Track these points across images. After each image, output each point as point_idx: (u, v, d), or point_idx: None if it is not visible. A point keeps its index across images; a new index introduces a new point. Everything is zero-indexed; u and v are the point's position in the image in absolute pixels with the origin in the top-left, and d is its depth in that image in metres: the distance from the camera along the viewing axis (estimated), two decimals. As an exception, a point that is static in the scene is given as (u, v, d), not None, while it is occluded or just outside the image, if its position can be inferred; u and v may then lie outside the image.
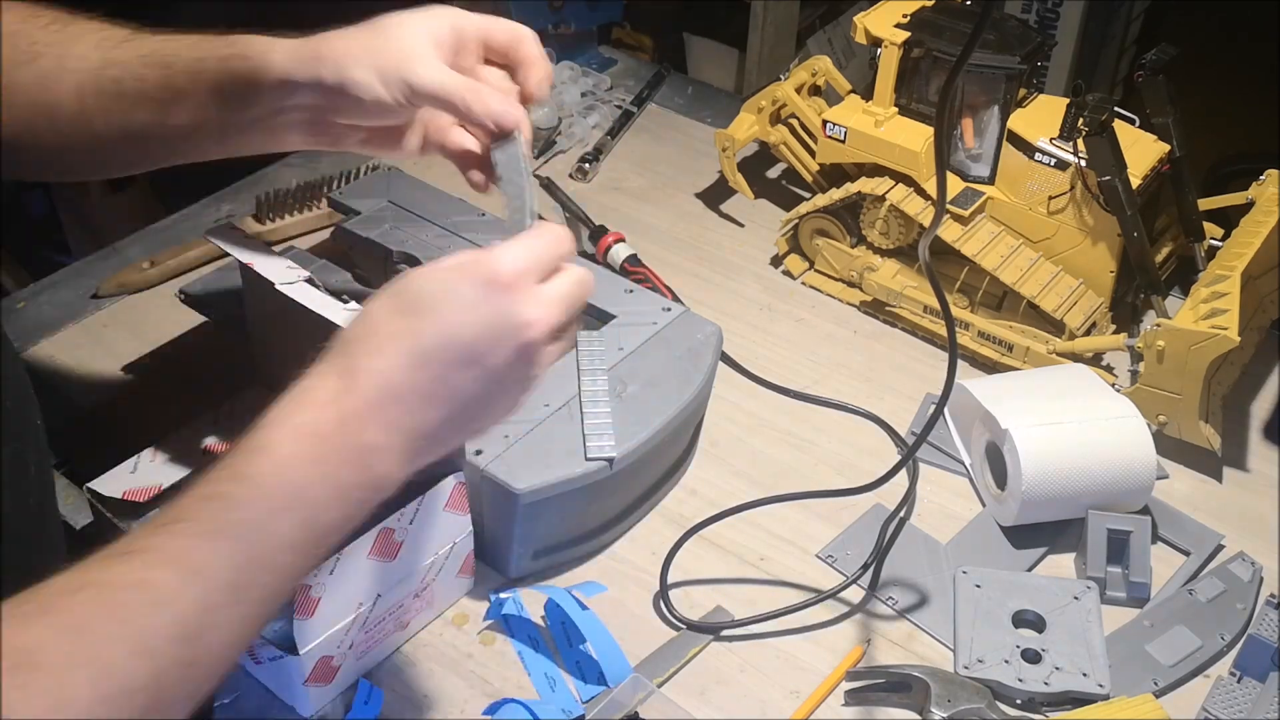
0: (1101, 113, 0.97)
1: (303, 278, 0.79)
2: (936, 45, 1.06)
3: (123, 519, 0.83)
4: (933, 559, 0.90)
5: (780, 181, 1.33)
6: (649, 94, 1.46)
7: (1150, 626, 0.85)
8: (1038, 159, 1.04)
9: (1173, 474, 0.98)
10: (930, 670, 0.80)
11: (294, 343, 0.85)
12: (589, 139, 1.38)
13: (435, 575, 0.81)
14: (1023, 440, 0.88)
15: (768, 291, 1.18)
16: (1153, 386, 0.95)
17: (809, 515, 0.93)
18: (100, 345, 1.07)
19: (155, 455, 0.85)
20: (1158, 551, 0.91)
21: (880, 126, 1.10)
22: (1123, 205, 1.00)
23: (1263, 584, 0.88)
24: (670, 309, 0.95)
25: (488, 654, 0.82)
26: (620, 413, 0.85)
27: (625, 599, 0.86)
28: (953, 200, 1.07)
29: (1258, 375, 1.08)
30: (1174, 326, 0.92)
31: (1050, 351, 1.04)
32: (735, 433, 1.01)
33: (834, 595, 0.86)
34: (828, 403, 1.02)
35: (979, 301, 1.09)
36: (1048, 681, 0.80)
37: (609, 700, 0.77)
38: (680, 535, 0.88)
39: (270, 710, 0.77)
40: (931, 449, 0.99)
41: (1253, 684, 0.81)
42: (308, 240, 1.17)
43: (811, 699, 0.80)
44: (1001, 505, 0.92)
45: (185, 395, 1.01)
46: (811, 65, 1.21)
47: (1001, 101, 1.05)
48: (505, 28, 0.73)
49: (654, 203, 1.29)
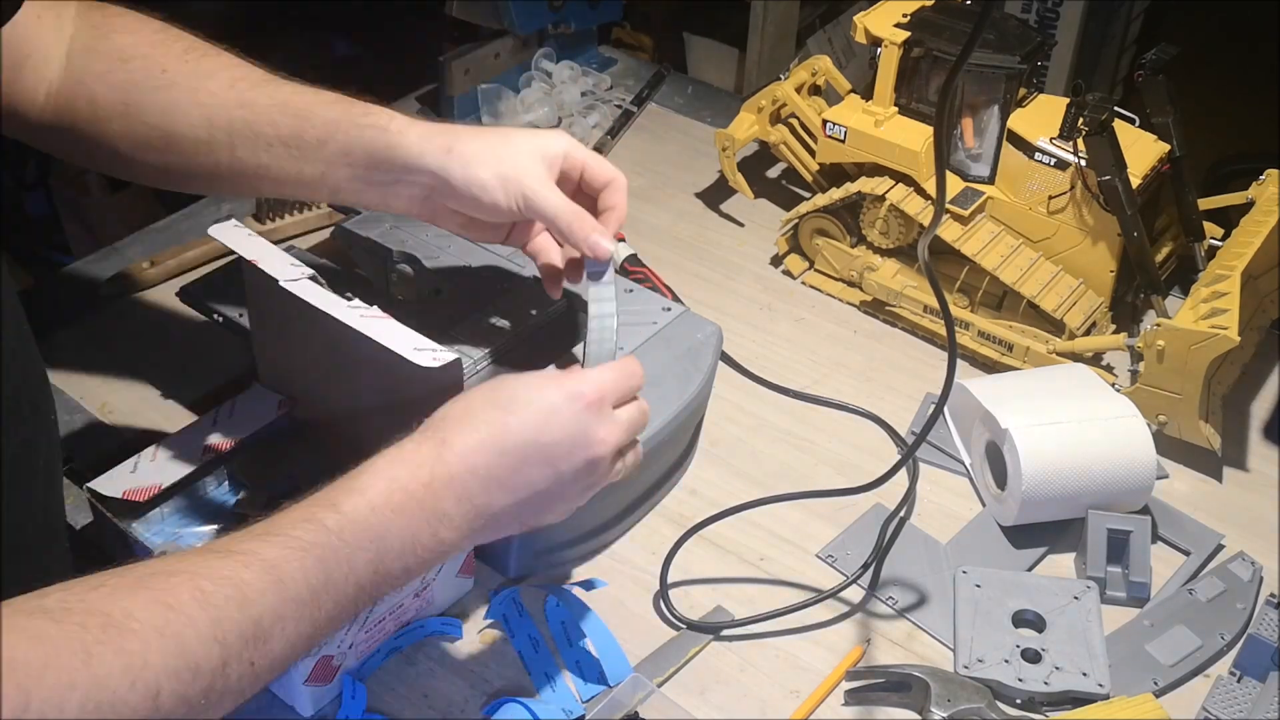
0: (1101, 113, 0.97)
1: (306, 275, 0.79)
2: (936, 45, 1.06)
3: (123, 519, 0.83)
4: (933, 559, 0.90)
5: (780, 181, 1.33)
6: (649, 94, 1.46)
7: (1150, 626, 0.85)
8: (1038, 159, 1.04)
9: (1173, 474, 0.98)
10: (930, 670, 0.80)
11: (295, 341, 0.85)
12: (589, 139, 1.38)
13: (435, 575, 0.81)
14: (1023, 440, 0.88)
15: (768, 291, 1.18)
16: (1153, 386, 0.95)
17: (809, 515, 0.93)
18: (100, 345, 1.07)
19: (155, 455, 0.85)
20: (1158, 551, 0.91)
21: (880, 126, 1.10)
22: (1123, 205, 1.00)
23: (1263, 584, 0.88)
24: (670, 309, 0.95)
25: (488, 654, 0.82)
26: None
27: (625, 598, 0.86)
28: (953, 200, 1.07)
29: (1258, 375, 1.08)
30: (1174, 326, 0.92)
31: (1050, 351, 1.04)
32: (735, 433, 1.01)
33: (834, 595, 0.86)
34: (828, 403, 1.02)
35: (979, 301, 1.09)
36: (1048, 681, 0.80)
37: (609, 700, 0.77)
38: (680, 535, 0.88)
39: (270, 710, 0.77)
40: (931, 449, 0.99)
41: (1253, 684, 0.81)
42: (308, 240, 1.17)
43: (811, 699, 0.80)
44: (1001, 505, 0.92)
45: (185, 395, 1.01)
46: (811, 65, 1.21)
47: (1001, 101, 1.05)
48: (605, 170, 0.80)
49: (654, 203, 1.29)
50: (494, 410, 0.67)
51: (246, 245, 0.81)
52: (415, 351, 0.72)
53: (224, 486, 0.88)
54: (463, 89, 1.37)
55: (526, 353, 0.91)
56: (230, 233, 0.83)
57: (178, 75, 0.79)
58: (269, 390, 0.90)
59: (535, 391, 0.68)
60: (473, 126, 0.80)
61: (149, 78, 0.79)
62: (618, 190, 0.81)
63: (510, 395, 0.68)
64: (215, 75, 0.80)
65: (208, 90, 0.79)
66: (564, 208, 0.77)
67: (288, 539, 0.59)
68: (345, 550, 0.61)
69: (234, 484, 0.88)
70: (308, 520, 0.61)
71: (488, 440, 0.66)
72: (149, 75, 0.79)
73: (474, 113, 1.38)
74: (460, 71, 1.35)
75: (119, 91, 0.79)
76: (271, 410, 0.88)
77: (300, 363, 0.86)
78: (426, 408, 0.70)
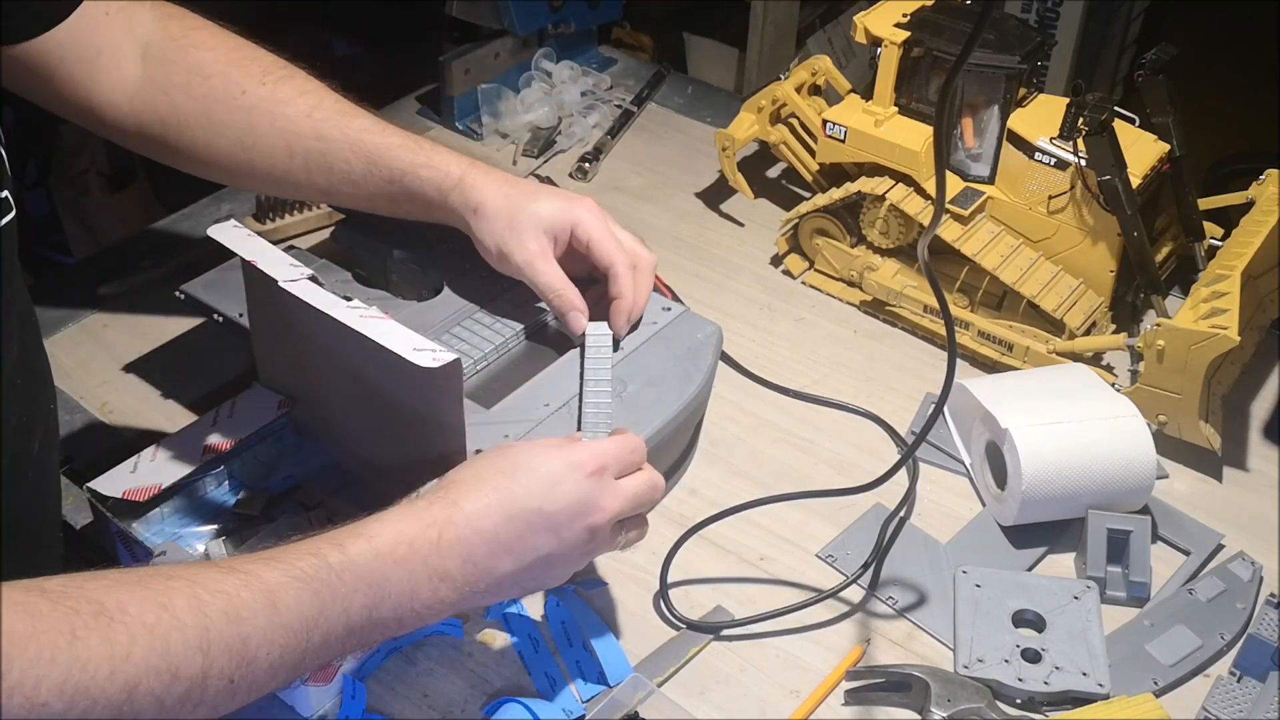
0: (1101, 112, 0.97)
1: (306, 275, 0.79)
2: (936, 45, 1.06)
3: (123, 519, 0.83)
4: (933, 559, 0.90)
5: (780, 181, 1.33)
6: (649, 94, 1.46)
7: (1150, 626, 0.85)
8: (1038, 159, 1.04)
9: (1173, 474, 0.98)
10: (930, 670, 0.80)
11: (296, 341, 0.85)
12: (589, 138, 1.38)
13: (435, 575, 0.81)
14: (1023, 440, 0.88)
15: (768, 291, 1.18)
16: (1153, 386, 0.95)
17: (809, 515, 0.93)
18: (100, 345, 1.07)
19: (155, 455, 0.85)
20: (1158, 551, 0.91)
21: (880, 126, 1.10)
22: (1123, 205, 1.00)
23: (1263, 584, 0.88)
24: (670, 309, 0.95)
25: (488, 654, 0.82)
26: (620, 412, 0.85)
27: (625, 598, 0.86)
28: (952, 200, 1.07)
29: (1258, 375, 1.08)
30: (1174, 326, 0.92)
31: (1050, 351, 1.04)
32: (735, 433, 1.01)
33: (834, 595, 0.86)
34: (828, 402, 1.02)
35: (979, 301, 1.09)
36: (1048, 681, 0.80)
37: (609, 700, 0.77)
38: (680, 535, 0.88)
39: (270, 710, 0.77)
40: (931, 449, 0.99)
41: (1253, 684, 0.81)
42: (308, 240, 1.17)
43: (811, 699, 0.80)
44: (1001, 505, 0.92)
45: (185, 395, 1.01)
46: (811, 65, 1.21)
47: (1001, 101, 1.05)
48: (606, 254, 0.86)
49: (654, 202, 1.29)
50: (502, 477, 0.69)
51: (246, 245, 0.81)
52: (415, 352, 0.72)
53: (224, 486, 0.88)
54: (463, 89, 1.37)
55: (525, 353, 0.91)
56: (230, 233, 0.83)
57: (256, 98, 0.84)
58: (269, 390, 0.90)
59: (540, 460, 0.70)
60: (507, 181, 0.87)
61: (229, 96, 0.84)
62: (620, 278, 0.86)
63: (515, 463, 0.70)
64: (293, 102, 0.85)
65: (285, 117, 0.84)
66: (550, 283, 0.85)
67: (289, 567, 0.61)
68: (343, 589, 0.62)
69: (234, 484, 0.88)
70: (313, 554, 0.62)
71: (495, 505, 0.68)
72: (229, 94, 0.84)
73: (474, 112, 1.38)
74: (460, 71, 1.36)
75: (200, 103, 0.83)
76: (271, 410, 0.88)
77: (300, 363, 0.86)
78: (425, 409, 0.70)
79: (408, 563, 0.65)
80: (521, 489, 0.69)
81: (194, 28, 0.86)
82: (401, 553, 0.65)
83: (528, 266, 0.85)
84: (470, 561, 0.67)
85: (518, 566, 0.69)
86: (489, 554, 0.67)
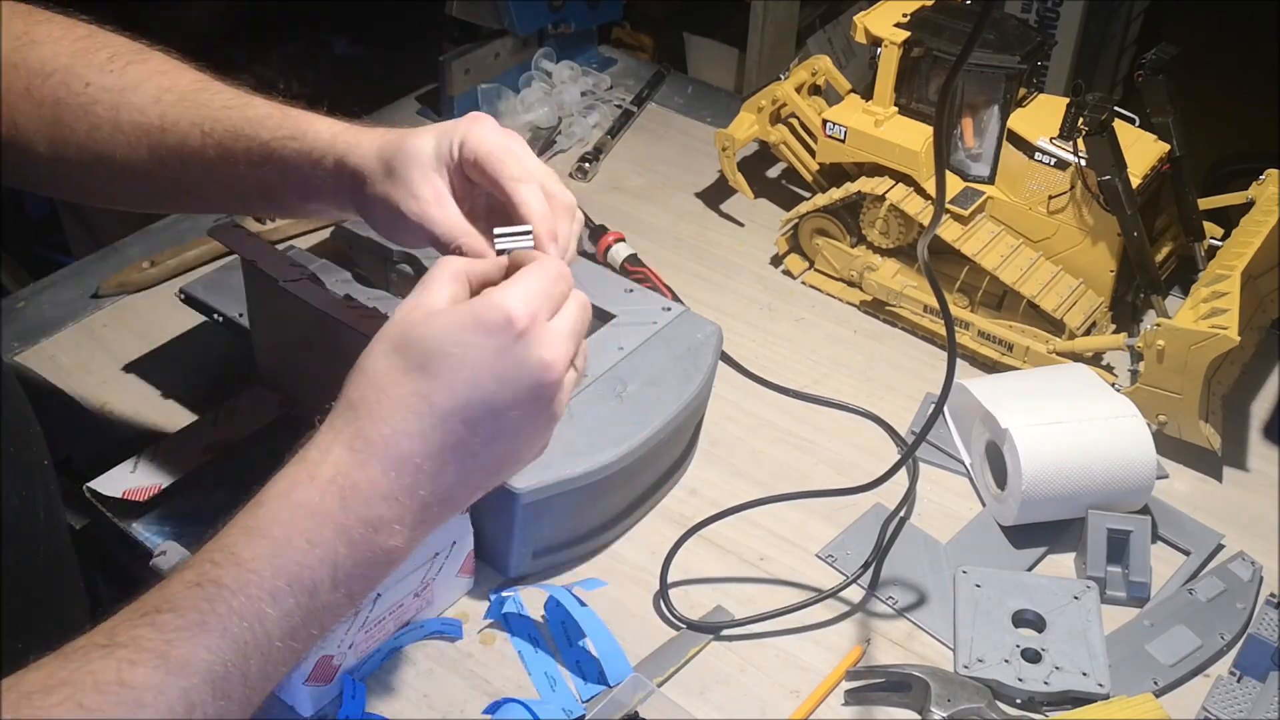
0: (1101, 112, 0.97)
1: (306, 275, 0.79)
2: (936, 45, 1.06)
3: (123, 519, 0.83)
4: (933, 559, 0.90)
5: (780, 181, 1.33)
6: (649, 94, 1.46)
7: (1150, 626, 0.85)
8: (1038, 158, 1.04)
9: (1173, 474, 0.98)
10: (930, 670, 0.80)
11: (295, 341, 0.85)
12: (589, 138, 1.38)
13: (435, 575, 0.81)
14: (1023, 440, 0.88)
15: (768, 291, 1.18)
16: (1153, 386, 0.95)
17: (809, 515, 0.93)
18: (100, 345, 1.07)
19: (155, 455, 0.85)
20: (1158, 551, 0.91)
21: (880, 126, 1.10)
22: (1123, 205, 1.00)
23: (1263, 584, 0.88)
24: (670, 309, 0.95)
25: (488, 654, 0.82)
26: (620, 412, 0.85)
27: (625, 598, 0.86)
28: (952, 200, 1.07)
29: (1258, 375, 1.08)
30: (1174, 326, 0.92)
31: (1050, 351, 1.04)
32: (735, 433, 1.01)
33: (834, 595, 0.86)
34: (828, 402, 1.02)
35: (979, 301, 1.09)
36: (1048, 681, 0.80)
37: (609, 700, 0.77)
38: (680, 535, 0.88)
39: (270, 710, 0.77)
40: (931, 449, 0.99)
41: (1253, 684, 0.81)
42: (308, 240, 1.17)
43: (811, 699, 0.80)
44: (1001, 505, 0.92)
45: (185, 395, 1.01)
46: (811, 65, 1.21)
47: (1001, 101, 1.05)
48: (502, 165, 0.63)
49: (654, 202, 1.29)
50: (409, 379, 0.55)
51: (246, 245, 0.82)
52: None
53: (224, 486, 0.88)
54: (463, 89, 1.37)
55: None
56: (230, 233, 0.83)
57: (99, 90, 0.70)
58: (269, 390, 0.90)
59: (452, 338, 0.55)
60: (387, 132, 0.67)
61: (70, 94, 0.70)
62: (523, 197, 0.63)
63: (423, 353, 0.55)
64: (140, 87, 0.70)
65: (134, 107, 0.70)
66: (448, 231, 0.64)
67: (177, 616, 0.50)
68: (255, 607, 0.52)
69: (234, 484, 0.88)
70: (200, 585, 0.52)
71: (414, 421, 0.55)
72: (70, 90, 0.70)
73: (474, 113, 1.38)
74: (460, 71, 1.36)
75: (42, 108, 0.70)
76: (271, 410, 0.88)
77: (300, 363, 0.86)
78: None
79: (321, 539, 0.53)
80: (441, 386, 0.54)
81: (39, 21, 0.72)
82: (308, 529, 0.53)
83: (423, 218, 0.63)
84: (403, 498, 0.55)
85: (465, 475, 0.57)
86: (426, 480, 0.55)
